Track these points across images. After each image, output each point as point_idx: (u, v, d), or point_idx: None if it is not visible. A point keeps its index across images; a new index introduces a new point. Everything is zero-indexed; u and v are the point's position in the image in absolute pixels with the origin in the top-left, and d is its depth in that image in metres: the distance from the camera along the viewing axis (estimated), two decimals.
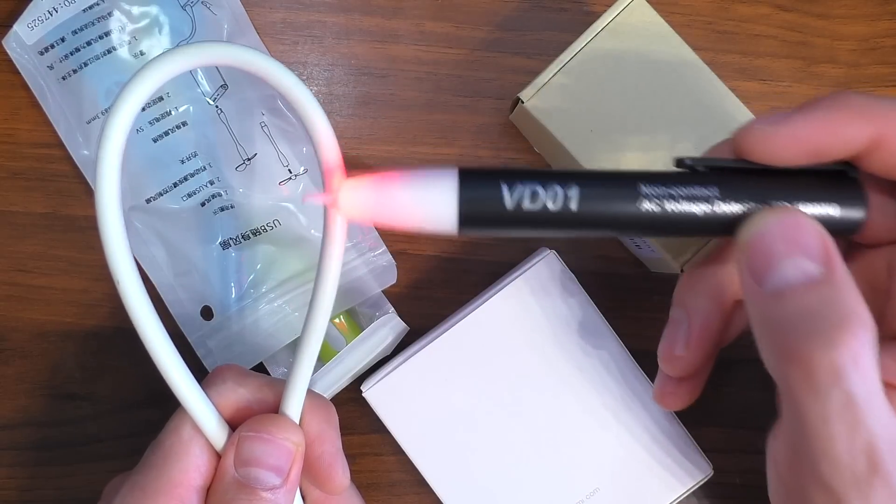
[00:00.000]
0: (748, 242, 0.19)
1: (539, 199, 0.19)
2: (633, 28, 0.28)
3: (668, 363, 0.23)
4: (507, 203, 0.19)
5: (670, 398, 0.24)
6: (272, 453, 0.21)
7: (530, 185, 0.19)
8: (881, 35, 0.33)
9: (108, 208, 0.20)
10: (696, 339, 0.22)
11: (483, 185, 0.19)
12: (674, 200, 0.19)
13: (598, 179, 0.19)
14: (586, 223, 0.19)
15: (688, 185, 0.19)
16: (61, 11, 0.30)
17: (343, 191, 0.20)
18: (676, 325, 0.23)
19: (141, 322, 0.21)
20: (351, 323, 0.31)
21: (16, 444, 0.31)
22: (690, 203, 0.19)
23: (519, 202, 0.19)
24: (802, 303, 0.17)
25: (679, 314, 0.23)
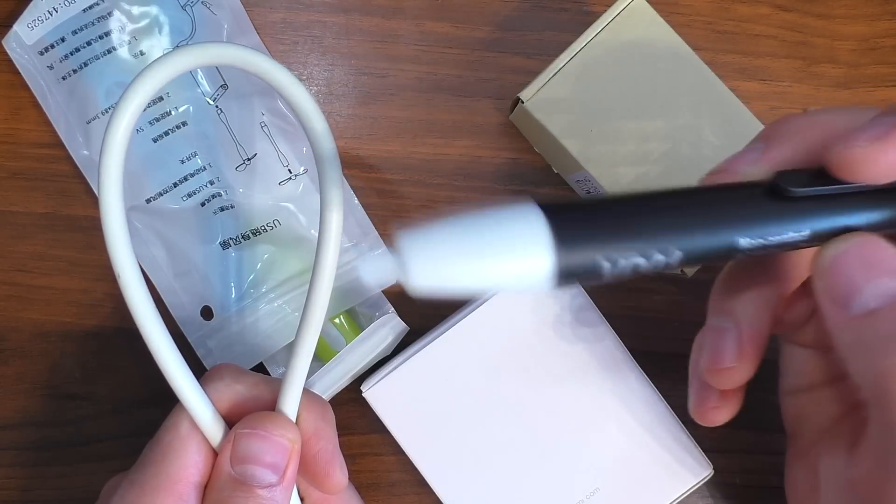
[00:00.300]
0: (828, 270, 0.18)
1: (640, 269, 0.17)
2: (633, 28, 0.28)
3: (718, 376, 0.22)
4: (605, 276, 0.17)
5: (714, 413, 0.23)
6: (268, 450, 0.21)
7: (632, 257, 0.17)
8: (881, 35, 0.33)
9: (111, 202, 0.20)
10: (748, 346, 0.21)
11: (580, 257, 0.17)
12: (767, 249, 0.19)
13: (700, 235, 0.18)
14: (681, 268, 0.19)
15: (782, 232, 0.19)
16: (61, 11, 0.30)
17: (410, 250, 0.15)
18: (721, 333, 0.22)
19: (140, 314, 0.21)
20: (351, 323, 0.31)
21: (16, 444, 0.31)
22: (783, 248, 0.19)
23: (619, 276, 0.17)
24: (891, 320, 0.17)
25: (723, 322, 0.22)
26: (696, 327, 0.30)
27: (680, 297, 0.32)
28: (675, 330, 0.32)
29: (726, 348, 0.21)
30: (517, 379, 0.27)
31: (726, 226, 0.19)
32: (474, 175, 0.32)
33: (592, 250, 0.17)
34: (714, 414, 0.23)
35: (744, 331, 0.21)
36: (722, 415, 0.23)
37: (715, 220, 0.19)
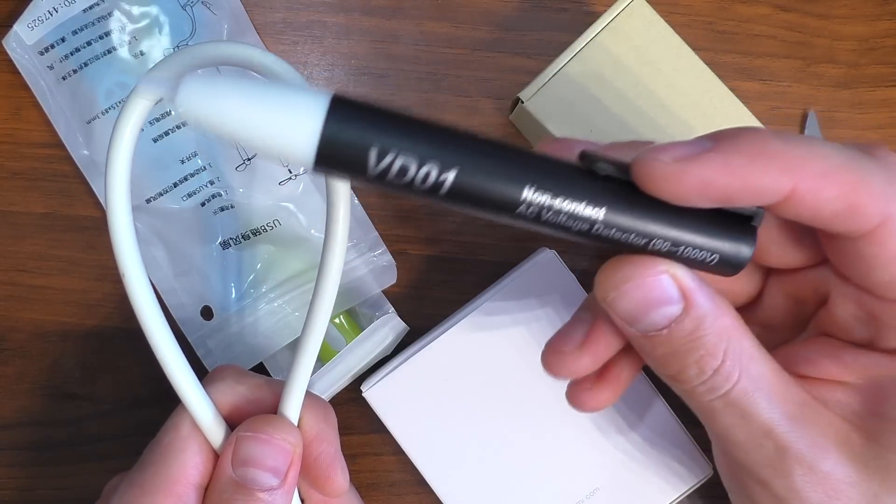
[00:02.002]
0: (608, 301, 0.19)
1: (407, 176, 0.16)
2: (633, 28, 0.28)
3: (553, 357, 0.21)
4: (369, 170, 0.16)
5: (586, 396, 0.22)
6: (270, 454, 0.21)
7: (404, 156, 0.16)
8: (881, 35, 0.33)
9: (118, 202, 0.20)
10: (595, 340, 0.21)
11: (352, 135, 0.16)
12: (554, 214, 0.17)
13: (484, 163, 0.17)
14: (450, 204, 0.17)
15: (575, 200, 0.17)
16: (61, 11, 0.30)
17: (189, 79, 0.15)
18: (574, 321, 0.22)
19: (144, 314, 0.21)
20: (351, 323, 0.31)
21: (16, 444, 0.31)
22: (571, 221, 0.17)
23: (384, 173, 0.16)
24: (671, 340, 0.19)
25: (582, 315, 0.22)
26: None
27: None
28: None
29: (573, 333, 0.21)
30: (517, 379, 0.27)
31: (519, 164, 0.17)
32: None
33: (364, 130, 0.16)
34: (588, 397, 0.22)
35: (597, 325, 0.21)
36: (598, 399, 0.22)
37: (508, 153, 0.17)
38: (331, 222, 0.21)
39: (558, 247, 0.29)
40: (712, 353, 0.18)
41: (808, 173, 0.17)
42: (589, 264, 0.32)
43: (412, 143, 0.16)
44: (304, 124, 0.15)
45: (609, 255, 0.19)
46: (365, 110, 0.16)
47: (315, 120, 0.15)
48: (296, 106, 0.16)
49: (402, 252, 0.32)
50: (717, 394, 0.19)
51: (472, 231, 0.32)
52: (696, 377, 0.19)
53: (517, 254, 0.31)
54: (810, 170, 0.17)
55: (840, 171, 0.17)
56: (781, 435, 0.19)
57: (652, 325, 0.19)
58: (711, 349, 0.18)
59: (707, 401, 0.19)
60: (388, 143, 0.16)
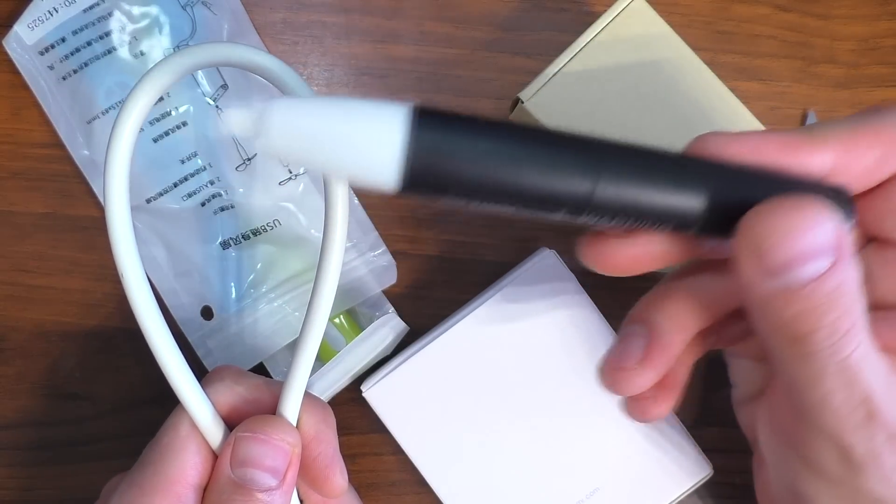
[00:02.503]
0: (758, 245, 0.18)
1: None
2: (633, 28, 0.28)
3: (616, 375, 0.22)
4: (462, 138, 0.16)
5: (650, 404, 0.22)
6: (268, 454, 0.21)
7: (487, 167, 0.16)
8: (881, 35, 0.33)
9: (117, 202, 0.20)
10: (655, 354, 0.21)
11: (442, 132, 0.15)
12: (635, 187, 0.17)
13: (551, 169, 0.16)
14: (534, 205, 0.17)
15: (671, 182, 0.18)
16: (61, 12, 0.30)
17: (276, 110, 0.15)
18: (631, 336, 0.22)
19: (143, 314, 0.21)
20: (351, 323, 0.31)
21: (16, 444, 0.31)
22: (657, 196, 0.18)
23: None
24: (812, 297, 0.18)
25: (636, 328, 0.22)
26: None
27: None
28: None
29: (632, 349, 0.21)
30: (517, 379, 0.27)
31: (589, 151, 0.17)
32: None
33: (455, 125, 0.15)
34: (651, 407, 0.23)
35: (654, 338, 0.21)
36: (658, 408, 0.23)
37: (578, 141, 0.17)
38: (329, 222, 0.21)
39: (558, 247, 0.29)
40: (847, 312, 0.18)
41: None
42: None
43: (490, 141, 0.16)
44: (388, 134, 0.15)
45: None
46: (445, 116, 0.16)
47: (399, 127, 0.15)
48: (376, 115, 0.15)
49: (402, 252, 0.32)
50: (838, 357, 0.18)
51: (472, 231, 0.32)
52: (827, 338, 0.18)
53: (517, 254, 0.31)
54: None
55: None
56: (876, 402, 0.18)
57: (799, 278, 0.17)
58: (847, 309, 0.18)
59: (822, 366, 0.18)
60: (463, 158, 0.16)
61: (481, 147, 0.15)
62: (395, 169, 0.15)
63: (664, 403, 0.22)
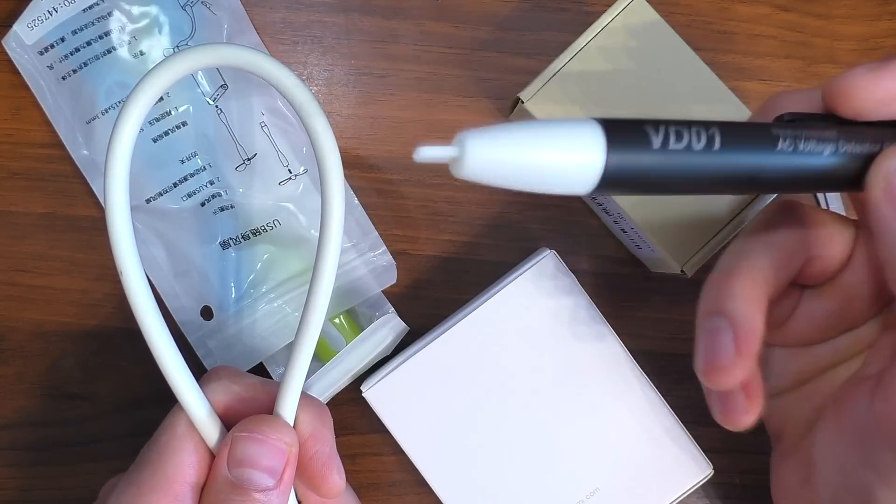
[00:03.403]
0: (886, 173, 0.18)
1: (683, 139, 0.18)
2: (633, 28, 0.28)
3: (716, 376, 0.21)
4: (654, 143, 0.17)
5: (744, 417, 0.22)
6: (265, 454, 0.21)
7: (673, 126, 0.18)
8: (881, 35, 0.33)
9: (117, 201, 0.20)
10: (745, 343, 0.21)
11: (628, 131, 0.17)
12: (804, 141, 0.19)
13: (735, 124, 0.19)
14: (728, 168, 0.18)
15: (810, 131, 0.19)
16: (61, 11, 0.30)
17: (469, 143, 0.16)
18: (716, 333, 0.21)
19: (141, 312, 0.21)
20: (351, 323, 0.31)
21: (16, 444, 0.31)
22: (818, 144, 0.19)
23: (665, 141, 0.17)
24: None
25: (716, 322, 0.21)
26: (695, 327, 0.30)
27: (680, 297, 0.32)
28: (675, 330, 0.32)
29: (723, 346, 0.21)
30: (517, 379, 0.28)
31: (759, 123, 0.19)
32: None
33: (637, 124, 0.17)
34: (743, 417, 0.22)
35: (739, 327, 0.21)
36: (750, 416, 0.22)
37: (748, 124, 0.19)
38: (325, 222, 0.21)
39: (558, 247, 0.29)
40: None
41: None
42: (589, 264, 0.32)
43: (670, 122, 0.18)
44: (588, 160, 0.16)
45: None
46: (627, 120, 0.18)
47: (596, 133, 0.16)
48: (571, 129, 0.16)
49: (402, 252, 0.32)
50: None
51: (472, 231, 0.32)
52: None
53: (517, 254, 0.31)
54: None
55: None
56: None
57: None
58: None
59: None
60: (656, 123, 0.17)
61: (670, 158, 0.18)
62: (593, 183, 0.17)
63: (754, 410, 0.22)
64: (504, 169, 0.16)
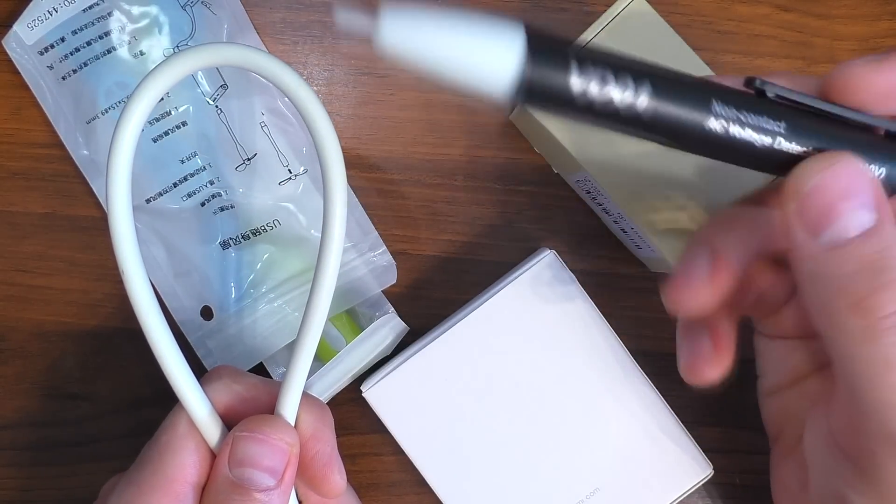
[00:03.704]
0: (803, 193, 0.18)
1: (607, 88, 0.17)
2: (633, 28, 0.28)
3: (682, 292, 0.21)
4: (573, 83, 0.17)
5: (706, 367, 0.22)
6: (266, 454, 0.21)
7: (602, 69, 0.17)
8: (881, 35, 0.33)
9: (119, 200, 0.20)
10: (720, 270, 0.20)
11: (551, 53, 0.16)
12: (739, 126, 0.18)
13: (673, 83, 0.18)
14: (645, 126, 0.18)
15: (757, 115, 0.18)
16: (61, 11, 0.30)
17: (387, 17, 0.16)
18: (694, 254, 0.21)
19: (143, 311, 0.21)
20: (351, 323, 0.31)
21: (16, 444, 0.31)
22: (754, 133, 0.18)
23: (585, 84, 0.17)
24: (860, 254, 0.17)
25: (699, 250, 0.21)
26: None
27: None
28: (674, 330, 0.32)
29: (698, 265, 0.21)
30: (517, 379, 0.27)
31: (703, 85, 0.18)
32: (474, 175, 0.32)
33: (563, 47, 0.17)
34: (706, 369, 0.22)
35: (718, 253, 0.21)
36: (713, 370, 0.22)
37: (693, 78, 0.18)
38: (327, 222, 0.21)
39: (558, 247, 0.29)
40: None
41: None
42: (589, 264, 0.32)
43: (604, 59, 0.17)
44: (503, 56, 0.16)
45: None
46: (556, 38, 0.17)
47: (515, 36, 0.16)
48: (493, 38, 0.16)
49: (402, 252, 0.32)
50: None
51: (472, 231, 0.32)
52: (884, 306, 0.17)
53: (517, 254, 0.31)
54: None
55: None
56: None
57: (843, 230, 0.17)
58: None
59: (890, 342, 0.17)
60: (585, 56, 0.17)
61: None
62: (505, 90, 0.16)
63: (720, 364, 0.22)
64: (421, 51, 0.16)
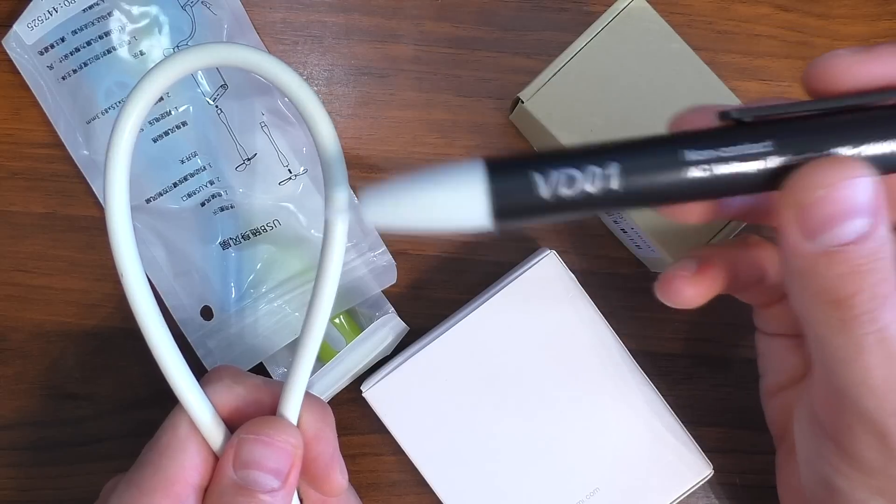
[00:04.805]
0: (796, 207, 0.18)
1: (577, 184, 0.17)
2: (633, 28, 0.28)
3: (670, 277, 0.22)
4: (542, 193, 0.17)
5: (682, 284, 0.22)
6: (271, 456, 0.21)
7: (563, 169, 0.17)
8: (881, 35, 0.33)
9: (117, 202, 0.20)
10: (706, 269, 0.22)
11: (513, 177, 0.17)
12: (723, 163, 0.18)
13: (637, 149, 0.18)
14: (630, 200, 0.18)
15: (738, 143, 0.18)
16: (61, 11, 0.30)
17: (365, 199, 0.18)
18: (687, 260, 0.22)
19: (143, 315, 0.21)
20: (351, 323, 0.31)
21: (16, 444, 0.31)
22: (741, 162, 0.18)
23: (555, 189, 0.17)
24: (848, 259, 0.18)
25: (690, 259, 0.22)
26: (695, 327, 0.30)
27: None
28: (675, 330, 0.32)
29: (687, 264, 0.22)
30: (517, 379, 0.27)
31: (666, 140, 0.18)
32: None
33: (523, 168, 0.17)
34: (682, 286, 0.22)
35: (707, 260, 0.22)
36: (690, 291, 0.22)
37: (653, 138, 0.18)
38: (329, 223, 0.21)
39: (558, 247, 0.29)
40: (885, 278, 0.18)
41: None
42: (589, 264, 0.32)
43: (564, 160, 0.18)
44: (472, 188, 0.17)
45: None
46: (513, 160, 0.18)
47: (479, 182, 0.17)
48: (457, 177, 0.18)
49: (402, 252, 0.32)
50: (876, 325, 0.18)
51: None
52: (867, 302, 0.18)
53: (517, 254, 0.31)
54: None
55: None
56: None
57: (838, 238, 0.18)
58: (885, 275, 0.18)
59: (862, 333, 0.18)
60: (546, 166, 0.17)
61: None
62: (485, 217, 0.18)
63: (696, 287, 0.22)
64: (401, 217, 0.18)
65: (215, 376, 0.23)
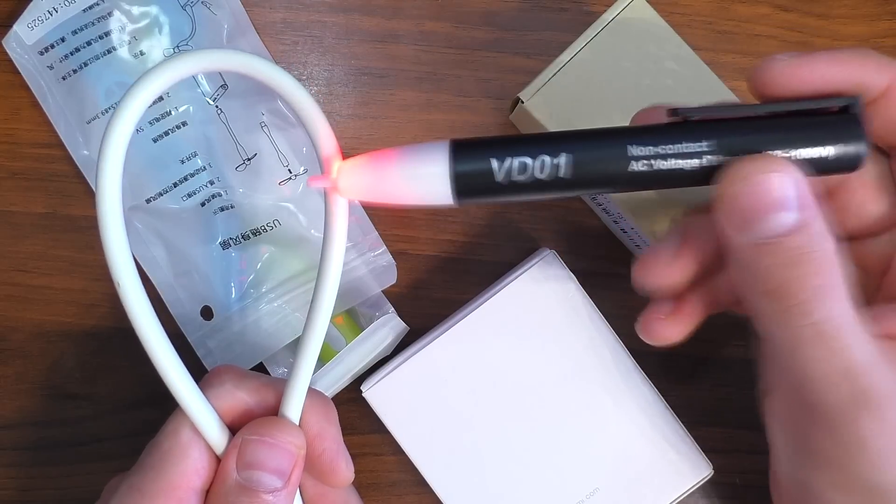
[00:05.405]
0: (727, 199, 0.19)
1: (528, 171, 0.19)
2: (633, 28, 0.28)
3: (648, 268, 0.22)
4: (497, 177, 0.19)
5: (661, 325, 0.23)
6: (275, 457, 0.21)
7: (518, 157, 0.19)
8: (881, 35, 0.33)
9: (110, 211, 0.20)
10: (687, 249, 0.22)
11: (473, 160, 0.19)
12: (662, 159, 0.19)
13: (587, 142, 0.20)
14: (576, 186, 0.20)
15: (678, 142, 0.19)
16: (61, 11, 0.30)
17: (341, 172, 0.20)
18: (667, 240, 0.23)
19: (141, 325, 0.21)
20: (351, 323, 0.31)
21: (16, 444, 0.31)
22: (679, 160, 0.19)
23: (508, 174, 0.19)
24: (781, 251, 0.19)
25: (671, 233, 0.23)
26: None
27: None
28: None
29: (666, 245, 0.22)
30: (517, 379, 0.28)
31: (616, 134, 0.20)
32: None
33: (482, 152, 0.19)
34: (661, 326, 0.23)
35: (687, 235, 0.22)
36: (669, 330, 0.23)
37: (604, 132, 0.20)
38: (329, 224, 0.21)
39: (558, 247, 0.29)
40: (817, 271, 0.18)
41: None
42: (588, 264, 0.32)
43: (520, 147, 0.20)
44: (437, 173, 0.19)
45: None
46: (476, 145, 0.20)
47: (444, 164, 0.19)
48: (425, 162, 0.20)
49: (402, 252, 0.32)
50: (810, 319, 0.18)
51: (472, 231, 0.32)
52: (796, 294, 0.18)
53: (517, 254, 0.31)
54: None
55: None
56: (859, 378, 0.18)
57: (767, 230, 0.19)
58: (817, 268, 0.18)
59: (798, 326, 0.19)
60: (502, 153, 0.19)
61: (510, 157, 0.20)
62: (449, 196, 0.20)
63: (673, 328, 0.23)
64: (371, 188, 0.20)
65: (216, 379, 0.23)
